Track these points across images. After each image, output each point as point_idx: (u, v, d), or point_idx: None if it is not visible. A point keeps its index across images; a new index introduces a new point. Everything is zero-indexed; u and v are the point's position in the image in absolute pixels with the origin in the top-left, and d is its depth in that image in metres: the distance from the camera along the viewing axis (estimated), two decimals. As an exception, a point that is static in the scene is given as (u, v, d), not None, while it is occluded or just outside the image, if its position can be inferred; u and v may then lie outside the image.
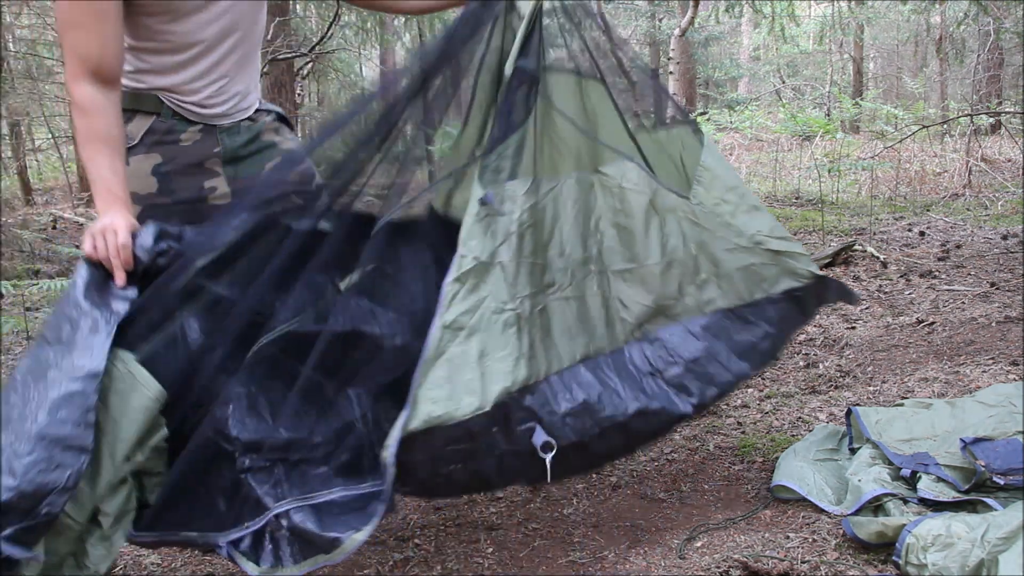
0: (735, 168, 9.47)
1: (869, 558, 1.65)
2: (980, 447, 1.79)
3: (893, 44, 16.60)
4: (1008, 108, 9.27)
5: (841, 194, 7.18)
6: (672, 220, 1.84)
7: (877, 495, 1.77)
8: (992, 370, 2.68)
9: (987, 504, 1.70)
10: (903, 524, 1.61)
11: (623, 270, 1.79)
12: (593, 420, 1.63)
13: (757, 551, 1.70)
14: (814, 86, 14.53)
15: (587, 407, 1.63)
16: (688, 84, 12.99)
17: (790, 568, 1.62)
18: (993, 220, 5.91)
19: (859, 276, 4.46)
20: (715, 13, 8.97)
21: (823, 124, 7.78)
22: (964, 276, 4.29)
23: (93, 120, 1.56)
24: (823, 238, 5.54)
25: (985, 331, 3.21)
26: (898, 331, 3.42)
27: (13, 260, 5.12)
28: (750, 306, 1.88)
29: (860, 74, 14.95)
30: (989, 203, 6.53)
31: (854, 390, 2.70)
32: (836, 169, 6.76)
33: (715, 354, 1.82)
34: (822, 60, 15.28)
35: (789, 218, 6.27)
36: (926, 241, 5.30)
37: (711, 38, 14.24)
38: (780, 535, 1.77)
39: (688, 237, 1.85)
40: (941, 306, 3.76)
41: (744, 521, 1.87)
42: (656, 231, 1.82)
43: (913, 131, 7.64)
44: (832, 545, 1.71)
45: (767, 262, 1.89)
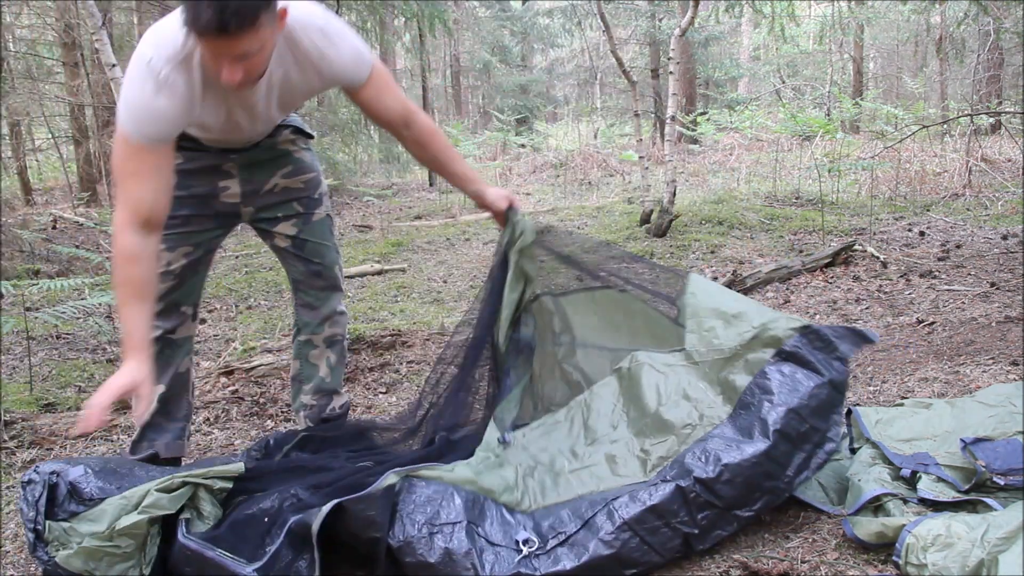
0: (736, 168, 9.48)
1: (869, 558, 1.65)
2: (980, 447, 1.79)
3: (893, 44, 16.60)
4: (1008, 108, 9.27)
5: (841, 194, 7.18)
6: (672, 373, 2.02)
7: (877, 495, 1.77)
8: (992, 370, 2.68)
9: (987, 504, 1.70)
10: (903, 524, 1.61)
11: (640, 429, 1.96)
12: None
13: (757, 551, 1.71)
14: (814, 86, 14.53)
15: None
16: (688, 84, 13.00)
17: (790, 568, 1.62)
18: (993, 220, 5.91)
19: (859, 276, 4.46)
20: (715, 13, 8.97)
21: (823, 124, 7.78)
22: (964, 276, 4.29)
23: (134, 269, 1.68)
24: (823, 238, 5.54)
25: (985, 331, 3.21)
26: (898, 331, 3.42)
27: (13, 260, 5.11)
28: (748, 392, 1.88)
29: (860, 74, 14.95)
30: (989, 203, 6.53)
31: (854, 390, 2.70)
32: (836, 169, 6.76)
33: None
34: (822, 60, 15.28)
35: (789, 218, 6.27)
36: (926, 241, 5.30)
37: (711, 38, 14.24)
38: (780, 535, 1.77)
39: (686, 380, 2.00)
40: (941, 306, 3.76)
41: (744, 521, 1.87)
42: (663, 387, 2.01)
43: (913, 131, 7.64)
44: (832, 545, 1.71)
45: (753, 349, 1.94)
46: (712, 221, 6.17)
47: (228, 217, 2.06)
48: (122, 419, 2.76)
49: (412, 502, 1.66)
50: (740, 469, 1.70)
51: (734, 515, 1.71)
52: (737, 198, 7.16)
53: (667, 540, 1.66)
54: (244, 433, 2.71)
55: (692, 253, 5.38)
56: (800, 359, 1.85)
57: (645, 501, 1.68)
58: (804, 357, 1.85)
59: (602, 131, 13.88)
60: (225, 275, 5.57)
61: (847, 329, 1.94)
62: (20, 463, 2.45)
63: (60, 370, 3.38)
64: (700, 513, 1.68)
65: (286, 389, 3.06)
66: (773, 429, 1.74)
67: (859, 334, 1.92)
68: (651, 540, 1.65)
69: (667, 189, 5.85)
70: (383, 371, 3.30)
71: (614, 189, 9.17)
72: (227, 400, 2.96)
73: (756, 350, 1.91)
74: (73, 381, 3.25)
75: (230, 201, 2.03)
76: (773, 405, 1.78)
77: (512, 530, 1.68)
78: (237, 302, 4.76)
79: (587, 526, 1.66)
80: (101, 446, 2.60)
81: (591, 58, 15.72)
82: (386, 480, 1.67)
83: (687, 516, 1.68)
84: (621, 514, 1.66)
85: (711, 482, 1.69)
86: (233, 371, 3.22)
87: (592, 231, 6.30)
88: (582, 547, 1.62)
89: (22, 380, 3.22)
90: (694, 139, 12.36)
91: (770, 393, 1.81)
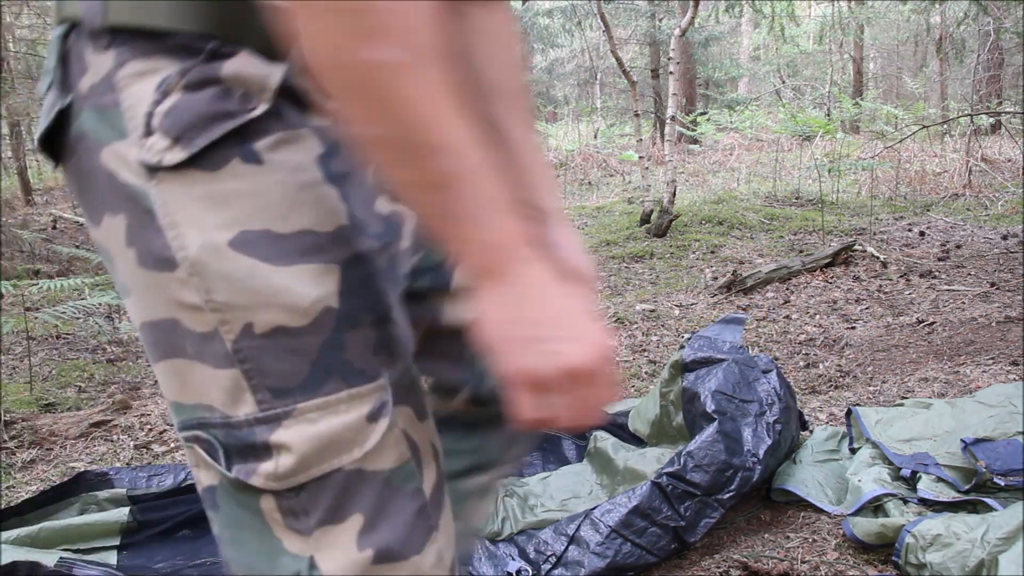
0: (736, 168, 9.47)
1: (869, 558, 1.65)
2: (980, 447, 1.79)
3: (893, 44, 16.60)
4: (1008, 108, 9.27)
5: (841, 194, 7.18)
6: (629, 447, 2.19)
7: (877, 495, 1.77)
8: (992, 370, 2.68)
9: (987, 504, 1.70)
10: (903, 524, 1.61)
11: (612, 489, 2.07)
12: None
13: (757, 551, 1.70)
14: (814, 86, 14.54)
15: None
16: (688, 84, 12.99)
17: (790, 568, 1.62)
18: (993, 220, 5.91)
19: (859, 276, 4.46)
20: (715, 13, 8.97)
21: (823, 124, 7.78)
22: (964, 276, 4.28)
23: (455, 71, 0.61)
24: (823, 238, 5.54)
25: (985, 331, 3.21)
26: (898, 331, 3.42)
27: (13, 260, 5.12)
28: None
29: (860, 74, 14.95)
30: (989, 203, 6.53)
31: (854, 390, 2.70)
32: (836, 169, 6.76)
33: None
34: (822, 60, 15.28)
35: (789, 218, 6.27)
36: (926, 241, 5.30)
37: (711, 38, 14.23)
38: (780, 535, 1.77)
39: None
40: (941, 306, 3.76)
41: (744, 521, 1.87)
42: (626, 451, 2.14)
43: (913, 131, 7.64)
44: (832, 545, 1.71)
45: (671, 386, 2.22)
46: (712, 221, 6.17)
47: None
48: (122, 419, 2.76)
49: None
50: (702, 452, 1.80)
51: (716, 500, 1.75)
52: (737, 198, 7.16)
53: (658, 539, 1.67)
54: (244, 433, 2.71)
55: (692, 253, 5.38)
56: (700, 361, 2.12)
57: (626, 505, 1.70)
58: (702, 358, 2.12)
59: (602, 131, 13.88)
60: (225, 275, 5.57)
61: (722, 322, 2.29)
62: (20, 463, 2.45)
63: (60, 370, 3.38)
64: (682, 504, 1.71)
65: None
66: (712, 411, 1.94)
67: (733, 320, 2.28)
68: (642, 541, 1.65)
69: (667, 189, 5.85)
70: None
71: (614, 189, 9.16)
72: (227, 400, 2.95)
73: (673, 384, 2.15)
74: (73, 381, 3.25)
75: None
76: (702, 399, 1.99)
77: (501, 563, 1.69)
78: (237, 302, 4.76)
79: (575, 542, 1.66)
80: (101, 446, 2.60)
81: (591, 58, 15.72)
82: None
83: (671, 511, 1.70)
84: (606, 521, 1.67)
85: (681, 472, 1.76)
86: (233, 371, 3.22)
87: (592, 231, 6.30)
88: (577, 564, 1.62)
89: (22, 380, 3.22)
90: (694, 139, 12.36)
91: (696, 392, 2.04)
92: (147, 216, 0.62)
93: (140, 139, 0.60)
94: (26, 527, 1.75)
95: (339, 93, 0.56)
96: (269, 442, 0.62)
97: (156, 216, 0.61)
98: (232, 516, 0.66)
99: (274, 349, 0.62)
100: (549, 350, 0.59)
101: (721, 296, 4.21)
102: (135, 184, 0.62)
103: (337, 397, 0.63)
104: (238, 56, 0.61)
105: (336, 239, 0.63)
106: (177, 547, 1.83)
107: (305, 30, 0.55)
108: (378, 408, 0.65)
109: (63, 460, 2.49)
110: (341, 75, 0.55)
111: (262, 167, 0.61)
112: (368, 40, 0.53)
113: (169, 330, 0.64)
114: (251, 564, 0.66)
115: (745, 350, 2.20)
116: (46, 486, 2.17)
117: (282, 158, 0.62)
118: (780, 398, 2.00)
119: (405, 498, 0.67)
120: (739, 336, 2.18)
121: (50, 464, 2.47)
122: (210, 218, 0.60)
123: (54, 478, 2.33)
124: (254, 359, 0.62)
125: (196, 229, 0.60)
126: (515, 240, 0.59)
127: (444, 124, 0.56)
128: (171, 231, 0.61)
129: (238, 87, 0.61)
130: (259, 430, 0.62)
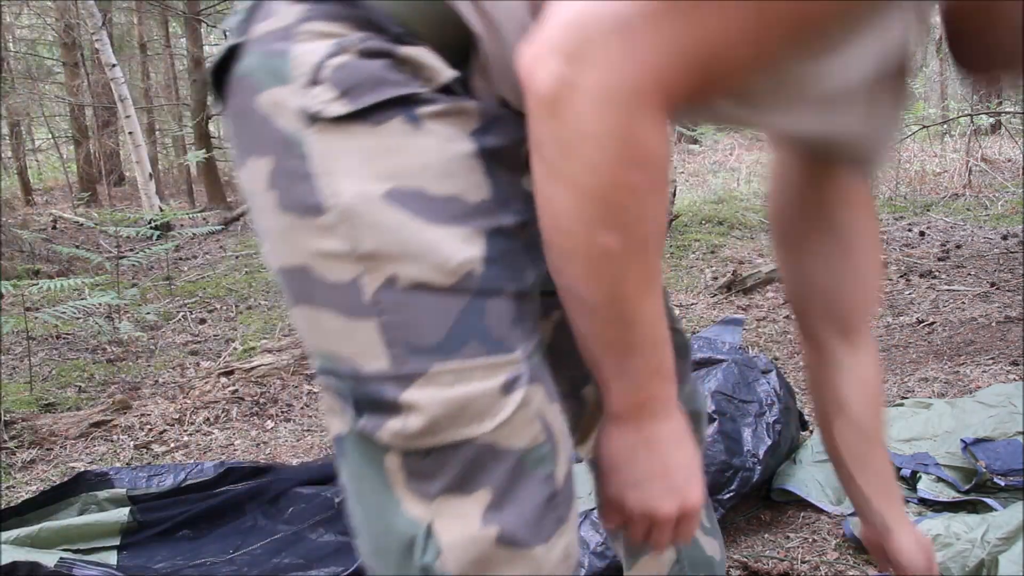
0: (736, 168, 9.47)
1: (869, 558, 1.65)
2: (980, 447, 1.79)
3: (893, 44, 16.58)
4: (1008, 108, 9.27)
5: (841, 194, 7.18)
6: None
7: (877, 495, 1.77)
8: (992, 370, 2.68)
9: (987, 504, 1.70)
10: (903, 524, 1.61)
11: None
12: None
13: (757, 551, 1.71)
14: (814, 86, 14.51)
15: None
16: (688, 84, 12.97)
17: (790, 568, 1.62)
18: (993, 220, 5.91)
19: (859, 276, 4.46)
20: (715, 13, 8.95)
21: (823, 124, 7.77)
22: (964, 276, 4.28)
23: (662, 195, 0.64)
24: (823, 238, 5.54)
25: (985, 331, 3.21)
26: (898, 331, 3.42)
27: (13, 260, 5.12)
28: None
29: (860, 74, 14.93)
30: (989, 203, 6.53)
31: (854, 390, 2.70)
32: (836, 169, 6.75)
33: None
34: (822, 60, 15.25)
35: (789, 218, 6.27)
36: (926, 241, 5.30)
37: (711, 38, 14.22)
38: (780, 535, 1.77)
39: None
40: (941, 306, 3.76)
41: (744, 521, 1.87)
42: None
43: (913, 131, 7.64)
44: (832, 545, 1.71)
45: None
46: (712, 221, 6.18)
47: None
48: (122, 419, 2.76)
49: None
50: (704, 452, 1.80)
51: (716, 500, 1.74)
52: (737, 198, 7.16)
53: None
54: (244, 433, 2.71)
55: (692, 253, 5.38)
56: (699, 362, 2.12)
57: None
58: (701, 359, 2.12)
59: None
60: (225, 275, 5.57)
61: (722, 323, 2.31)
62: (20, 463, 2.45)
63: (60, 370, 3.38)
64: None
65: (286, 389, 3.06)
66: (712, 412, 1.91)
67: (732, 321, 2.31)
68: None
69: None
70: (383, 371, 3.30)
71: (614, 189, 9.15)
72: (227, 400, 2.95)
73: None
74: (73, 381, 3.25)
75: None
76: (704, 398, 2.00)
77: None
78: (237, 302, 4.76)
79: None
80: (101, 446, 2.60)
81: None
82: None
83: None
84: None
85: None
86: (233, 371, 3.22)
87: (592, 231, 6.31)
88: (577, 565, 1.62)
89: (22, 380, 3.22)
90: (694, 139, 12.35)
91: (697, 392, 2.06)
92: (298, 161, 0.62)
93: (304, 87, 0.61)
94: (26, 527, 1.75)
95: (563, 257, 0.62)
96: (399, 400, 0.61)
97: (309, 162, 0.61)
98: (356, 468, 0.65)
99: (414, 305, 0.61)
100: (667, 494, 0.70)
101: (721, 296, 4.21)
102: (290, 130, 0.62)
103: (474, 363, 0.61)
104: (419, 47, 0.63)
105: (482, 209, 0.64)
106: (177, 547, 1.83)
107: (552, 193, 0.59)
108: (513, 380, 0.63)
109: (63, 460, 2.49)
110: (571, 244, 0.60)
111: (421, 130, 0.62)
112: (606, 228, 0.58)
113: (301, 277, 0.64)
114: (368, 519, 0.65)
115: (744, 351, 2.21)
116: (46, 486, 2.17)
117: (440, 127, 0.63)
118: (780, 398, 2.00)
119: (536, 483, 0.64)
120: (738, 337, 2.20)
121: (50, 464, 2.47)
122: (366, 169, 0.61)
123: (54, 478, 2.33)
124: (393, 312, 0.61)
125: (351, 179, 0.61)
126: (657, 401, 0.68)
127: (645, 303, 0.63)
128: (324, 178, 0.61)
129: (410, 67, 0.63)
130: (389, 387, 0.61)
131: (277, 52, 0.63)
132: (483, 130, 0.65)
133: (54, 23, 8.41)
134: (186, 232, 6.68)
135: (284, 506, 1.91)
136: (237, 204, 8.60)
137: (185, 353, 3.64)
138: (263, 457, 2.50)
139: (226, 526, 1.88)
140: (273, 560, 1.73)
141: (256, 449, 2.57)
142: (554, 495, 0.65)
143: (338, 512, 1.85)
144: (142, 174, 7.11)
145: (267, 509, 1.91)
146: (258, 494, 1.95)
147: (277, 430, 2.73)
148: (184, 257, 6.34)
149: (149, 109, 11.38)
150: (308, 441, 2.62)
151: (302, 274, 0.64)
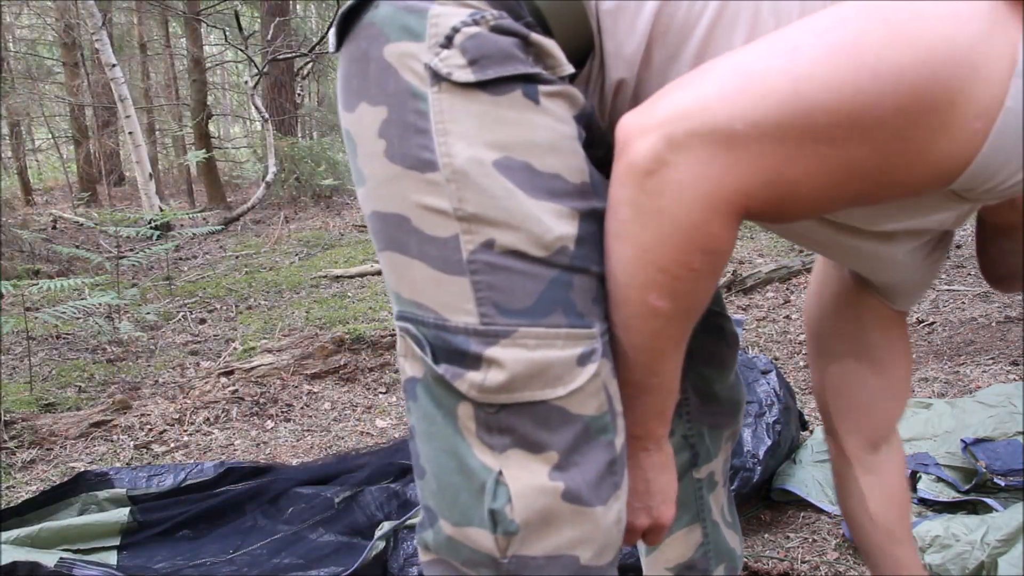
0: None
1: (869, 558, 1.65)
2: (980, 447, 1.79)
3: (893, 44, 16.59)
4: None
5: (841, 194, 7.18)
6: None
7: (877, 495, 1.77)
8: (992, 370, 2.68)
9: (987, 504, 1.70)
10: (903, 524, 1.61)
11: None
12: None
13: (757, 551, 1.71)
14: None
15: None
16: (688, 84, 12.97)
17: (790, 568, 1.62)
18: (993, 220, 5.91)
19: (859, 276, 4.46)
20: (715, 13, 8.96)
21: (823, 124, 7.77)
22: (964, 276, 4.29)
23: (714, 278, 0.70)
24: (823, 238, 5.54)
25: (985, 331, 3.21)
26: (898, 331, 3.42)
27: (13, 260, 5.12)
28: None
29: (860, 74, 14.94)
30: (989, 203, 6.53)
31: (854, 390, 2.70)
32: (836, 169, 6.75)
33: None
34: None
35: (789, 218, 6.27)
36: (926, 241, 5.30)
37: (711, 38, 14.23)
38: (780, 535, 1.77)
39: None
40: (941, 306, 3.76)
41: (744, 521, 1.87)
42: None
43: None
44: (832, 545, 1.71)
45: None
46: (712, 221, 6.18)
47: None
48: (122, 419, 2.76)
49: (402, 555, 1.65)
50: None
51: None
52: (737, 198, 7.16)
53: None
54: (244, 433, 2.71)
55: (692, 253, 5.38)
56: None
57: None
58: None
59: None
60: (225, 275, 5.57)
61: None
62: (20, 463, 2.45)
63: (60, 370, 3.38)
64: None
65: (286, 389, 3.06)
66: None
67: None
68: None
69: (667, 189, 5.86)
70: (383, 371, 3.30)
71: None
72: (227, 400, 2.96)
73: None
74: (73, 381, 3.26)
75: None
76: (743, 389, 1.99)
77: None
78: (237, 302, 4.76)
79: None
80: (101, 446, 2.60)
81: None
82: (375, 549, 1.65)
83: None
84: None
85: None
86: (233, 371, 3.22)
87: (592, 231, 6.31)
88: None
89: (22, 380, 3.22)
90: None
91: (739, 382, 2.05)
92: (415, 117, 0.65)
93: (436, 47, 0.65)
94: (26, 527, 1.75)
95: (615, 303, 0.69)
96: (483, 355, 0.64)
97: (428, 119, 0.65)
98: (427, 411, 0.69)
99: (508, 269, 0.64)
100: (643, 511, 0.82)
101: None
102: (415, 85, 0.65)
103: (557, 332, 0.65)
104: (548, 38, 0.68)
105: (580, 191, 0.68)
106: (177, 547, 1.83)
107: (620, 250, 0.66)
108: (589, 353, 0.67)
109: (63, 460, 2.49)
110: (624, 295, 0.67)
111: (538, 107, 0.66)
112: (659, 295, 0.66)
113: (397, 225, 0.67)
114: (439, 461, 0.68)
115: (744, 351, 2.20)
116: (46, 486, 2.17)
117: (555, 107, 0.67)
118: (780, 398, 2.00)
119: (599, 448, 0.68)
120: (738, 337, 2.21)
121: (50, 464, 2.47)
122: (481, 136, 0.64)
123: (54, 478, 2.33)
124: (487, 273, 0.65)
125: (466, 142, 0.64)
126: (651, 438, 0.79)
127: (673, 358, 0.72)
128: (441, 137, 0.64)
129: (535, 52, 0.67)
130: (475, 341, 0.65)
131: (415, 8, 0.66)
132: (579, 120, 0.70)
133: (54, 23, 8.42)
134: (186, 232, 6.68)
135: (284, 506, 1.91)
136: (237, 204, 8.60)
137: (185, 353, 3.64)
138: (263, 457, 2.50)
139: (226, 526, 1.88)
140: (273, 560, 1.73)
141: (256, 449, 2.57)
142: (613, 461, 0.70)
143: (338, 512, 1.85)
144: (142, 174, 7.11)
145: (267, 509, 1.91)
146: (258, 494, 1.95)
147: (277, 430, 2.73)
148: (184, 257, 6.34)
149: (149, 109, 11.38)
150: (308, 441, 2.62)
151: (400, 222, 0.67)
